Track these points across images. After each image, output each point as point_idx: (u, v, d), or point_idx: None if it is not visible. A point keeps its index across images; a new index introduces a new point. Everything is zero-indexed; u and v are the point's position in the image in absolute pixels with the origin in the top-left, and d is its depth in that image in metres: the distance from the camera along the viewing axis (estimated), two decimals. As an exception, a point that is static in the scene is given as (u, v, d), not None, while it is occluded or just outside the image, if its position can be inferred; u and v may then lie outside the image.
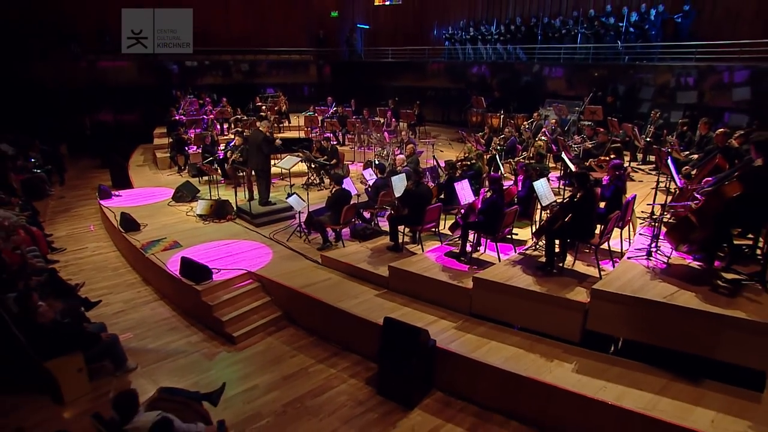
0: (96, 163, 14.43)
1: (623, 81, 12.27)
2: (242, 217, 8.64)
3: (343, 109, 14.28)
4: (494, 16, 16.86)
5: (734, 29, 11.76)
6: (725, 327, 4.18)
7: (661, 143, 9.31)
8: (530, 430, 4.38)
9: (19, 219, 8.12)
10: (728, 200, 4.54)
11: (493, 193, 5.81)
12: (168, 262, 6.83)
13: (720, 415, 3.89)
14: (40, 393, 4.53)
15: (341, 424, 4.45)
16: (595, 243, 5.23)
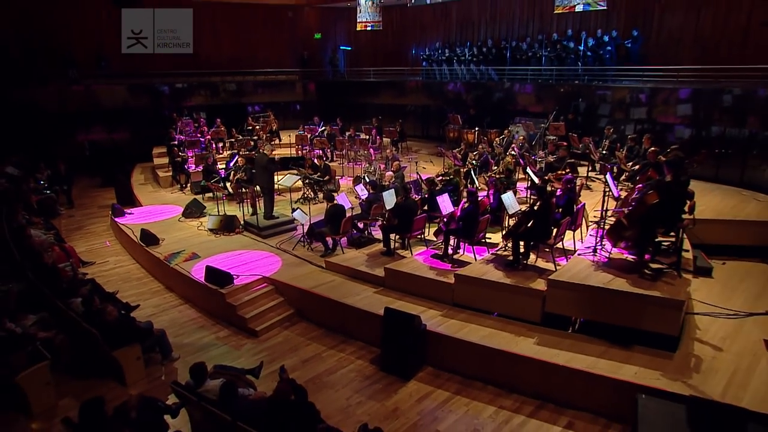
0: (96, 182, 15.27)
1: (583, 99, 13.70)
2: (249, 230, 9.70)
3: (330, 127, 15.44)
4: (467, 38, 18.29)
5: (677, 52, 13.32)
6: (647, 304, 5.47)
7: (615, 155, 10.74)
8: (503, 392, 5.58)
9: (47, 237, 9.07)
10: (649, 206, 5.85)
11: (470, 204, 7.03)
12: (191, 270, 7.87)
13: (642, 369, 5.16)
14: (105, 378, 5.54)
15: (353, 393, 5.58)
16: (551, 243, 6.49)
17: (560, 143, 11.88)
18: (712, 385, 4.89)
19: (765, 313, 6.26)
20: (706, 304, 6.47)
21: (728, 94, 10.78)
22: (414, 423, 5.10)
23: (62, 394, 5.18)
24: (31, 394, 4.82)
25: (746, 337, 5.72)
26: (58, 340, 5.53)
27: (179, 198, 12.21)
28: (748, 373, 5.08)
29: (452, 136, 15.41)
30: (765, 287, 7.01)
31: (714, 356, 5.38)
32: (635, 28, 13.73)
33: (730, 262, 7.90)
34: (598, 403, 5.15)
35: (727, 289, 6.96)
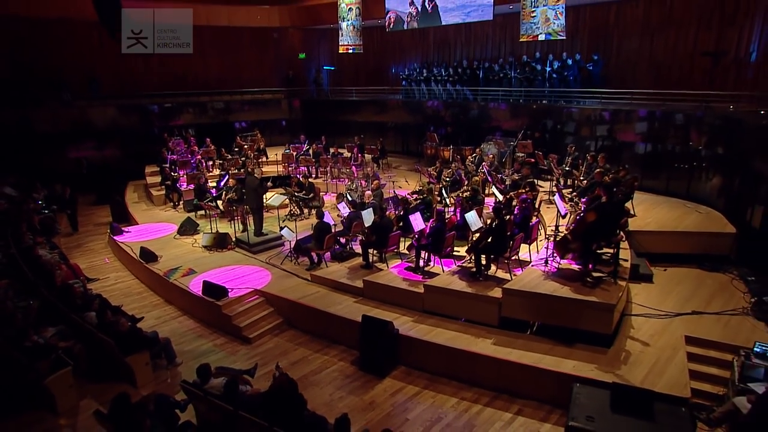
0: (91, 199, 15.93)
1: (549, 119, 14.79)
2: (241, 246, 10.52)
3: (315, 146, 16.34)
4: (444, 59, 19.37)
5: (634, 75, 14.53)
6: (584, 308, 6.44)
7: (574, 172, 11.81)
8: (465, 386, 6.49)
9: (53, 256, 9.79)
10: (588, 224, 6.84)
11: (437, 222, 7.96)
12: (189, 285, 8.67)
13: (579, 362, 6.11)
14: (119, 381, 6.32)
15: (335, 389, 6.44)
16: (508, 256, 7.45)
17: (527, 160, 12.94)
18: (635, 374, 5.86)
19: (690, 313, 7.29)
20: (642, 306, 7.48)
21: (675, 115, 11.94)
22: (387, 413, 5.98)
23: (82, 395, 5.96)
24: (57, 395, 5.59)
25: (671, 334, 6.72)
26: (77, 349, 6.30)
27: (173, 216, 12.97)
28: (666, 363, 6.07)
29: (429, 153, 16.39)
30: (695, 290, 8.05)
31: (641, 350, 6.37)
32: (596, 52, 14.92)
33: (671, 268, 8.94)
34: (542, 392, 6.09)
35: (664, 293, 7.98)
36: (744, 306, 7.44)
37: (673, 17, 13.64)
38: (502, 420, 5.84)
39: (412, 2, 16.22)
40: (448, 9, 15.19)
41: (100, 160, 17.63)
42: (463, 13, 14.72)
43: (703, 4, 12.95)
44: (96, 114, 17.79)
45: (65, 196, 12.91)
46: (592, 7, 15.10)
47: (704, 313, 7.29)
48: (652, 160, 12.55)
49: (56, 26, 16.90)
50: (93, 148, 17.57)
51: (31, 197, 13.61)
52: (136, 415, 4.45)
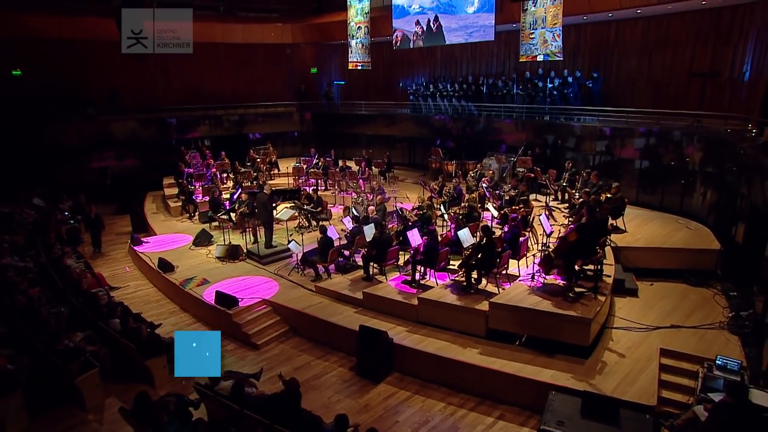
0: (111, 209, 16.80)
1: (549, 135, 15.27)
2: (252, 258, 11.20)
3: (324, 159, 17.05)
4: (451, 74, 19.98)
5: (633, 92, 14.97)
6: (564, 321, 6.96)
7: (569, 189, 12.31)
8: (452, 391, 7.04)
9: (79, 265, 10.59)
10: (571, 242, 7.37)
11: (430, 239, 8.55)
12: (203, 294, 9.37)
13: (558, 372, 6.64)
14: (139, 382, 7.00)
15: (334, 393, 7.05)
16: (496, 272, 8.00)
17: (527, 175, 13.49)
18: (607, 383, 6.37)
19: (669, 326, 7.76)
20: (624, 320, 7.97)
21: (669, 133, 12.38)
22: (380, 415, 6.56)
23: (107, 393, 6.66)
24: (86, 394, 6.29)
25: (647, 347, 7.20)
26: (102, 353, 7.00)
27: (189, 227, 13.74)
28: (639, 374, 6.56)
29: (434, 167, 16.99)
30: (678, 305, 8.50)
31: (617, 361, 6.87)
32: (597, 69, 15.38)
33: (658, 283, 9.40)
34: (523, 399, 6.62)
35: (647, 307, 8.45)
36: (721, 321, 7.87)
37: (669, 36, 14.06)
38: (484, 424, 6.39)
39: (417, 22, 16.88)
40: (451, 29, 15.81)
41: (121, 170, 18.57)
42: (465, 34, 15.33)
43: (699, 24, 13.36)
44: (118, 127, 18.76)
45: (90, 214, 13.15)
46: (593, 25, 15.57)
47: (682, 326, 7.75)
48: (648, 176, 12.99)
49: (82, 46, 17.90)
50: (114, 158, 18.54)
51: (57, 208, 14.52)
52: (155, 412, 5.11)
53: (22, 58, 17.22)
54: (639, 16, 14.17)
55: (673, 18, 13.82)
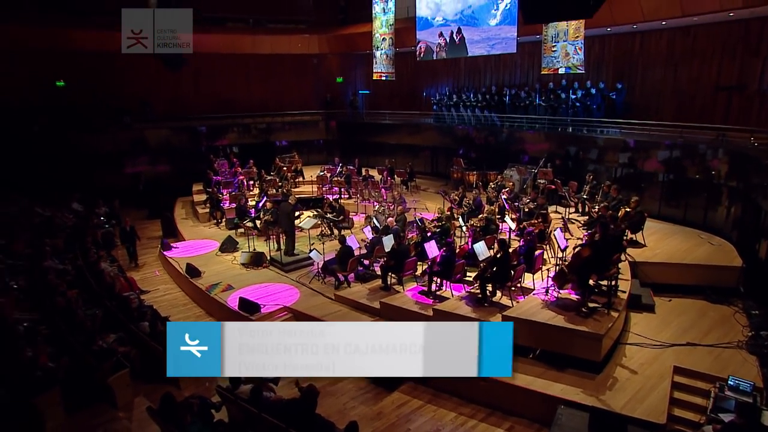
0: (143, 214, 17.54)
1: (571, 146, 15.24)
2: (274, 265, 11.60)
3: (347, 168, 17.41)
4: (475, 83, 20.11)
5: (658, 104, 14.82)
6: (576, 336, 7.06)
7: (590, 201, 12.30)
8: (464, 402, 7.22)
9: (113, 269, 11.18)
10: (584, 258, 7.47)
11: (447, 251, 8.75)
12: (227, 300, 9.79)
13: (567, 386, 6.74)
14: (166, 383, 7.40)
15: (349, 399, 7.32)
16: (510, 285, 8.14)
17: (548, 187, 13.54)
18: (617, 400, 6.44)
19: (685, 344, 7.74)
20: (639, 336, 7.99)
21: (693, 146, 12.24)
22: (392, 423, 6.79)
23: (136, 393, 7.09)
24: (117, 392, 6.73)
25: (661, 364, 7.22)
26: (133, 354, 7.45)
27: (216, 233, 14.28)
28: (650, 391, 6.60)
29: (456, 177, 17.14)
30: (696, 322, 8.45)
31: (628, 378, 6.92)
32: (620, 80, 15.29)
33: (677, 299, 9.33)
34: (533, 411, 6.75)
35: (663, 323, 8.43)
36: (740, 340, 7.81)
37: (696, 48, 13.87)
38: (493, 435, 6.55)
39: (441, 34, 17.11)
40: (474, 41, 15.98)
41: (153, 176, 19.38)
42: (488, 46, 15.48)
43: (726, 35, 13.17)
44: (151, 135, 19.61)
45: (125, 227, 13.20)
46: (618, 36, 15.49)
47: (699, 344, 7.72)
48: (671, 189, 12.87)
49: (119, 58, 18.71)
50: (147, 164, 19.37)
51: (94, 213, 15.30)
52: (179, 412, 5.46)
53: (66, 69, 18.22)
54: (664, 27, 14.06)
55: (700, 29, 13.65)
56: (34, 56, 17.57)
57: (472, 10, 15.76)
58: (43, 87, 17.93)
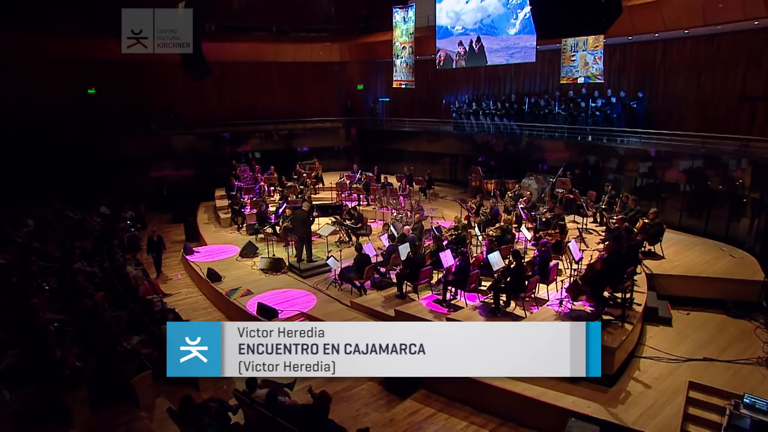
0: (168, 218, 18.03)
1: (591, 156, 15.14)
2: (293, 271, 11.83)
3: (366, 176, 17.62)
4: (494, 91, 20.10)
5: (680, 113, 14.63)
6: (588, 349, 7.04)
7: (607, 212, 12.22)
8: (475, 411, 7.27)
9: (137, 272, 11.57)
10: (597, 271, 7.47)
11: (462, 261, 8.83)
12: (246, 304, 10.05)
13: (579, 399, 6.75)
14: (186, 385, 7.66)
15: (362, 406, 7.45)
16: (523, 296, 8.18)
17: (567, 196, 13.48)
18: (629, 414, 6.43)
19: (701, 359, 7.67)
20: (654, 349, 7.94)
21: (716, 157, 12.06)
22: (404, 430, 6.90)
23: (158, 394, 7.35)
24: (139, 393, 7.01)
25: (675, 379, 7.17)
26: (155, 356, 7.72)
27: (237, 238, 14.61)
28: (663, 406, 6.58)
29: (474, 185, 17.17)
30: (714, 337, 8.36)
31: (641, 392, 6.90)
32: (642, 89, 15.13)
33: (695, 312, 9.24)
34: (543, 423, 6.77)
35: (680, 337, 8.36)
36: (760, 356, 7.69)
37: (720, 56, 13.68)
38: (504, 445, 6.60)
39: (460, 42, 17.23)
40: (493, 50, 16.06)
41: (177, 180, 19.93)
42: (507, 55, 15.55)
43: (752, 44, 12.94)
44: (176, 141, 20.23)
45: (153, 237, 13.02)
46: (639, 44, 15.35)
47: (716, 360, 7.63)
48: (693, 200, 12.70)
49: (147, 68, 19.40)
50: (172, 168, 19.98)
51: (121, 217, 15.83)
52: (198, 414, 5.69)
53: (97, 78, 18.90)
54: (687, 35, 13.89)
55: (724, 37, 13.44)
56: (69, 66, 18.34)
57: (491, 19, 15.85)
58: (76, 95, 18.68)
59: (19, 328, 7.92)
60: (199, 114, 21.27)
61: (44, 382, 6.65)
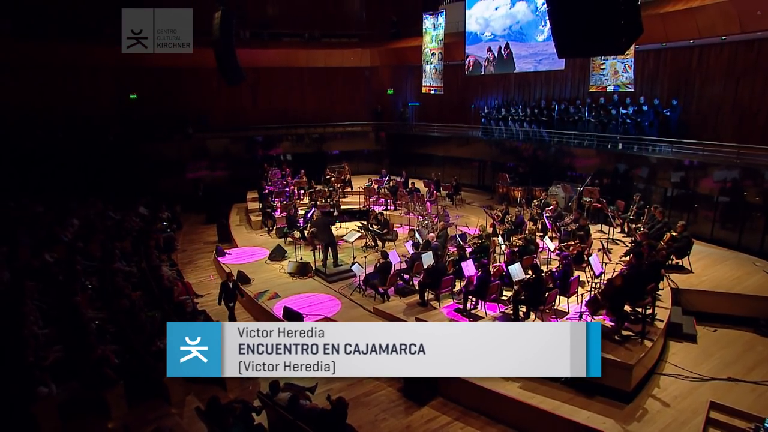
0: (201, 218, 18.73)
1: (621, 164, 14.88)
2: (319, 275, 12.18)
3: (394, 180, 17.84)
4: (524, 97, 19.98)
5: (716, 121, 14.24)
6: (606, 364, 7.02)
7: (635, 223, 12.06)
8: (491, 421, 7.40)
9: (172, 273, 12.13)
10: (616, 287, 7.47)
11: (482, 273, 8.95)
12: (273, 308, 10.43)
13: (594, 414, 6.79)
14: (214, 385, 8.08)
15: (380, 411, 7.68)
16: (542, 309, 8.24)
17: (594, 205, 13.36)
18: (645, 432, 6.44)
19: (726, 379, 7.55)
20: (676, 367, 7.86)
21: (750, 168, 11.72)
22: (420, 437, 7.10)
23: (187, 392, 7.78)
24: (171, 391, 7.45)
25: (696, 398, 7.10)
26: (186, 356, 8.18)
27: (266, 241, 15.08)
28: (680, 426, 6.55)
29: (501, 192, 17.15)
30: (740, 356, 8.19)
31: (659, 410, 6.87)
32: (676, 96, 14.75)
33: (723, 329, 9.05)
34: (558, 437, 6.85)
35: (704, 355, 8.23)
36: (789, 378, 7.52)
37: (760, 62, 13.24)
38: (518, 456, 6.71)
39: (489, 49, 17.24)
40: (521, 56, 16.01)
41: (212, 182, 20.66)
42: (535, 61, 15.47)
43: (793, 49, 12.54)
44: (211, 144, 20.98)
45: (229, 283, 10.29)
46: (674, 50, 14.99)
47: (741, 380, 7.50)
48: (726, 212, 12.36)
49: (184, 74, 20.20)
50: (206, 168, 20.77)
51: (158, 217, 16.54)
52: (223, 414, 6.04)
53: (138, 83, 19.84)
54: (725, 41, 13.51)
55: (764, 43, 12.98)
56: (113, 73, 19.31)
57: (520, 26, 15.81)
58: (118, 100, 19.65)
59: (64, 325, 8.53)
60: (233, 118, 22.01)
61: (86, 378, 7.16)
